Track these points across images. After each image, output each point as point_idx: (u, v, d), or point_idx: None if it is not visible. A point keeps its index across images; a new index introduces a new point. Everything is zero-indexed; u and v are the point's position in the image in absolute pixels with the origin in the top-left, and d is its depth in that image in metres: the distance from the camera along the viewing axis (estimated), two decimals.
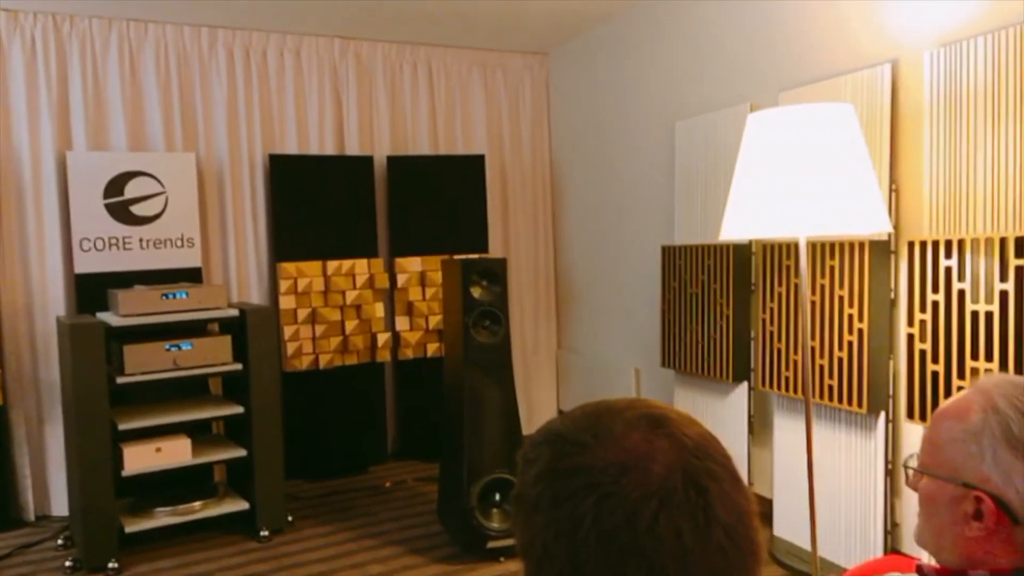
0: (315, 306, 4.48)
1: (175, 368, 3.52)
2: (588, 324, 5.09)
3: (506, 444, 3.46)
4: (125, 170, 4.01)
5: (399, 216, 4.74)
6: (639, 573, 0.72)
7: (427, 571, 3.27)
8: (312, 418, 4.50)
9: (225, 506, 3.68)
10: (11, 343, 3.85)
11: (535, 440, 0.85)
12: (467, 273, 3.46)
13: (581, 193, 5.08)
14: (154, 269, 4.05)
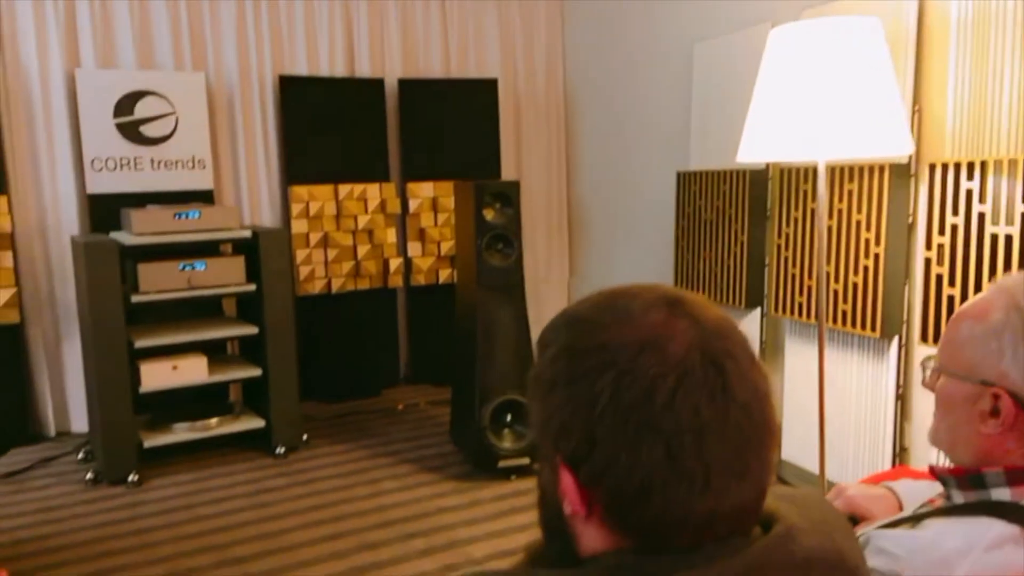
0: (327, 230, 4.47)
1: (189, 288, 3.54)
2: (600, 251, 5.07)
3: (518, 367, 3.48)
4: (134, 89, 3.96)
5: (411, 140, 4.69)
6: (655, 449, 0.72)
7: (440, 487, 3.34)
8: (325, 342, 4.54)
9: (241, 423, 3.75)
10: (26, 263, 3.88)
11: (551, 325, 0.85)
12: (480, 196, 3.44)
13: (595, 118, 5.00)
14: (166, 191, 4.04)
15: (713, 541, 0.76)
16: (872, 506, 1.34)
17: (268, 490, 3.34)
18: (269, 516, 3.09)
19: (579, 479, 0.77)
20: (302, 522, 3.04)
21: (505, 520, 3.04)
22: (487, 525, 3.00)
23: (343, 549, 2.82)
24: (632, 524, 0.77)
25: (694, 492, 0.73)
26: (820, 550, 0.81)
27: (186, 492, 3.33)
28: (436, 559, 2.75)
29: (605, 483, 0.75)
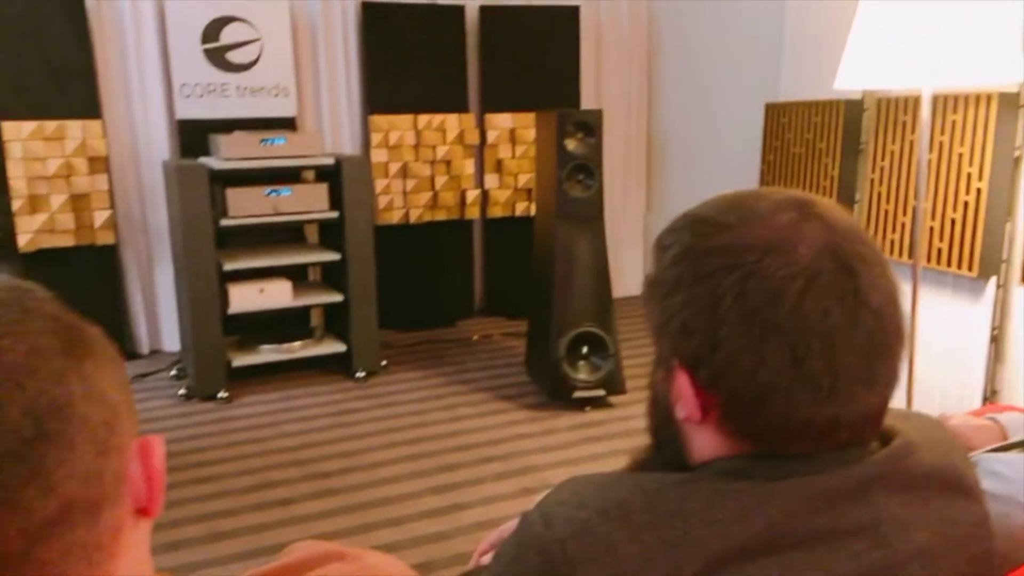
0: (406, 160, 4.49)
1: (275, 213, 3.61)
2: (679, 187, 4.97)
3: (595, 299, 3.47)
4: (221, 14, 4.00)
5: (490, 70, 4.64)
6: (780, 352, 0.71)
7: (515, 416, 3.39)
8: (402, 271, 4.59)
9: (323, 347, 3.85)
10: (120, 186, 4.01)
11: (671, 227, 0.83)
12: (562, 125, 3.39)
13: (680, 48, 4.85)
14: (250, 117, 4.09)
15: (832, 449, 0.75)
16: (975, 436, 1.30)
17: (349, 411, 3.44)
18: (351, 435, 3.19)
19: (697, 381, 0.76)
20: (382, 442, 3.13)
21: (580, 449, 3.07)
22: (562, 453, 3.04)
23: (422, 469, 2.90)
24: (750, 428, 0.76)
25: (818, 397, 0.72)
26: (938, 467, 0.79)
27: (272, 410, 3.46)
28: (513, 482, 2.80)
29: (725, 385, 0.74)
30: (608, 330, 3.45)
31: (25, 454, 0.49)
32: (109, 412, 0.54)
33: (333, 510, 2.61)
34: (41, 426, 0.49)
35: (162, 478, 0.59)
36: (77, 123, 3.73)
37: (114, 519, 0.54)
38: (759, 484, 0.72)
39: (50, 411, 0.50)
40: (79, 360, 0.53)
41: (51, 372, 0.51)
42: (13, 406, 0.48)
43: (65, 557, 0.51)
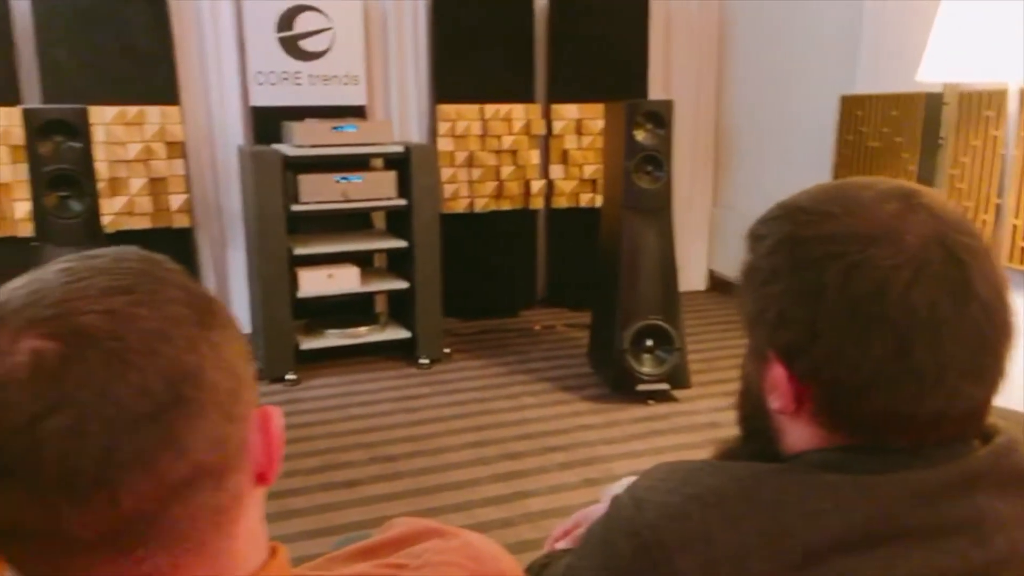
0: (472, 150, 4.51)
1: (345, 200, 3.67)
2: (748, 180, 4.89)
3: (661, 291, 3.45)
4: (295, 3, 4.07)
5: (558, 60, 4.62)
6: (885, 343, 0.69)
7: (578, 407, 3.39)
8: (465, 260, 4.61)
9: (388, 333, 3.90)
10: (196, 171, 4.11)
11: (766, 217, 0.82)
12: (631, 116, 3.37)
13: (752, 39, 4.77)
14: (321, 105, 4.16)
15: (934, 444, 0.73)
16: None
17: (414, 397, 3.49)
18: (416, 420, 3.24)
19: (793, 372, 0.75)
20: (446, 428, 3.16)
21: (644, 442, 3.06)
22: (626, 445, 3.03)
23: (486, 456, 2.93)
24: (848, 421, 0.75)
25: (923, 391, 0.70)
26: None
27: (338, 393, 3.52)
28: (576, 472, 2.81)
29: (824, 377, 0.73)
30: (674, 323, 3.42)
31: (161, 417, 0.51)
32: (235, 381, 0.56)
33: (399, 493, 2.65)
34: (175, 391, 0.51)
35: (280, 447, 0.61)
36: (156, 109, 3.84)
37: (236, 485, 0.56)
38: (858, 477, 0.71)
39: (183, 377, 0.52)
40: (208, 330, 0.55)
41: (184, 340, 0.53)
42: (150, 371, 0.51)
43: (194, 518, 0.54)
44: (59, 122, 2.62)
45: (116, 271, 0.54)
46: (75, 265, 0.55)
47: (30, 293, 0.52)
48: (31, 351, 0.49)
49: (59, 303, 0.51)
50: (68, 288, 0.52)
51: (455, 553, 0.69)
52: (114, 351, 0.50)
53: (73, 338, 0.50)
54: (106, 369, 0.50)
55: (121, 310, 0.52)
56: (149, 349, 0.51)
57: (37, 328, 0.50)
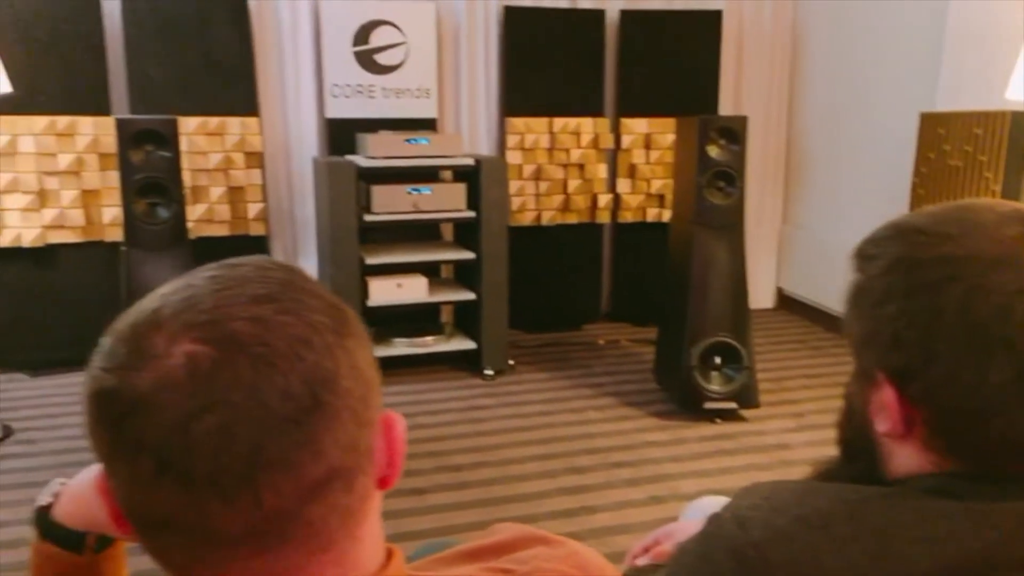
0: (540, 163, 4.53)
1: (415, 211, 3.72)
2: (820, 199, 4.81)
3: (731, 308, 3.40)
4: (371, 18, 4.16)
5: (628, 74, 4.62)
6: (1004, 369, 0.68)
7: (643, 423, 3.36)
8: (530, 273, 4.63)
9: (454, 343, 3.94)
10: (272, 181, 4.22)
11: (876, 237, 0.81)
12: (705, 131, 3.35)
13: (826, 54, 4.69)
14: (393, 117, 4.23)
15: None
16: None
17: (479, 407, 3.51)
18: (481, 431, 3.25)
19: (904, 395, 0.74)
20: (512, 440, 3.17)
21: (712, 460, 3.02)
22: (693, 463, 2.99)
23: (551, 469, 2.92)
24: (962, 446, 0.73)
25: None
26: None
27: (405, 401, 3.56)
28: (643, 489, 2.78)
29: (938, 401, 0.72)
30: (743, 341, 3.38)
31: (302, 420, 0.53)
32: (365, 387, 0.58)
33: (466, 502, 2.67)
34: (315, 396, 0.54)
35: (402, 452, 0.62)
36: (237, 120, 3.96)
37: (363, 487, 0.58)
38: (973, 505, 0.70)
39: (322, 382, 0.54)
40: (344, 337, 0.57)
41: (324, 347, 0.55)
42: (294, 375, 0.53)
43: (326, 518, 0.55)
44: (150, 132, 2.72)
45: (261, 280, 0.57)
46: (223, 274, 0.58)
47: (184, 300, 0.55)
48: (186, 355, 0.52)
49: (211, 310, 0.54)
50: (219, 296, 0.55)
51: (562, 561, 0.70)
52: (261, 356, 0.52)
53: (224, 343, 0.52)
54: (254, 373, 0.52)
55: (267, 318, 0.54)
56: (292, 355, 0.53)
57: (191, 333, 0.53)
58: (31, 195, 3.66)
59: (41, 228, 3.70)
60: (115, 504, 0.56)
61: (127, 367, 0.53)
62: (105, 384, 0.54)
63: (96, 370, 0.55)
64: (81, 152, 3.72)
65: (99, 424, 0.54)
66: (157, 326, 0.54)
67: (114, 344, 0.56)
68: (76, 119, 3.69)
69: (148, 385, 0.52)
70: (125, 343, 0.55)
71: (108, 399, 0.53)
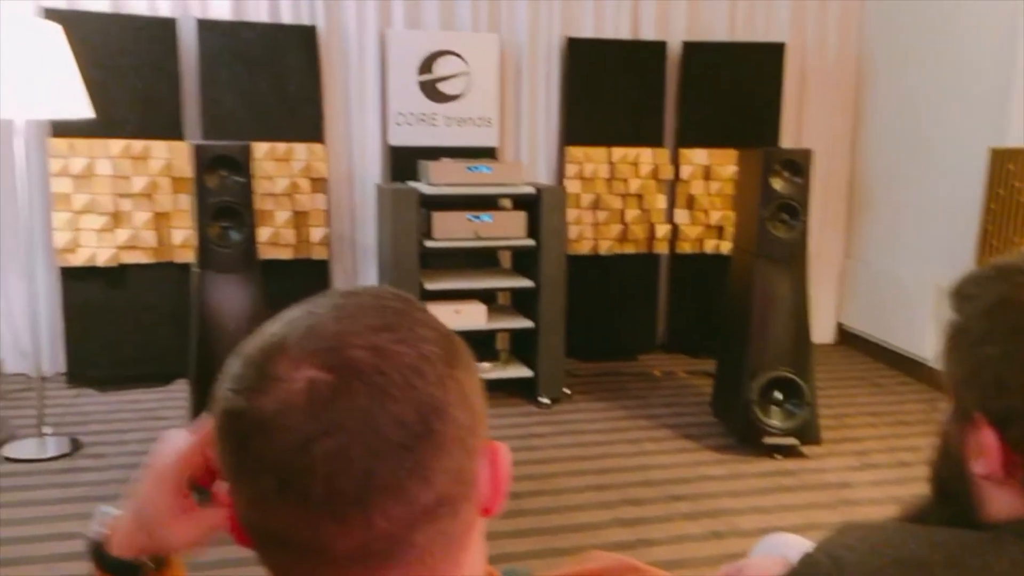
0: (598, 192, 4.55)
1: (475, 238, 3.76)
2: (883, 233, 4.73)
3: (793, 343, 3.36)
4: (436, 49, 4.24)
5: (688, 105, 4.62)
6: None
7: (701, 456, 3.32)
8: (587, 301, 4.62)
9: (510, 371, 3.95)
10: (335, 207, 4.31)
11: (975, 277, 0.80)
12: (768, 163, 3.33)
13: (892, 87, 4.63)
14: (455, 146, 4.29)
15: None
16: None
17: (535, 435, 3.50)
18: (538, 459, 3.24)
19: (1006, 438, 0.73)
20: (568, 469, 3.16)
21: (771, 497, 2.96)
22: (752, 499, 2.94)
23: (608, 500, 2.90)
24: None
25: None
26: None
27: None
28: (702, 524, 2.74)
29: None
30: (805, 377, 3.32)
31: (413, 447, 0.54)
32: (473, 417, 0.59)
33: (523, 531, 2.66)
34: (427, 424, 0.55)
35: (507, 482, 0.63)
36: (303, 146, 4.06)
37: (468, 514, 0.59)
38: None
39: (433, 411, 0.56)
40: (455, 368, 0.59)
41: (436, 377, 0.57)
42: (406, 404, 0.55)
43: (432, 544, 0.57)
44: (225, 157, 2.81)
45: (379, 310, 0.59)
46: (343, 302, 0.60)
47: (307, 327, 0.58)
48: (308, 380, 0.54)
49: (332, 337, 0.56)
50: (339, 324, 0.58)
51: None
52: (377, 384, 0.54)
53: (344, 370, 0.55)
54: (370, 400, 0.54)
55: (384, 347, 0.56)
56: (406, 383, 0.55)
57: (313, 359, 0.55)
58: (106, 216, 3.80)
59: (115, 248, 3.83)
60: (236, 518, 0.58)
61: (253, 389, 0.56)
62: (233, 405, 0.56)
63: (225, 391, 0.58)
64: (155, 175, 3.85)
65: (226, 443, 0.57)
66: (282, 351, 0.56)
67: (243, 367, 0.58)
68: (151, 143, 3.83)
69: (272, 407, 0.54)
70: (253, 366, 0.57)
71: (235, 419, 0.56)
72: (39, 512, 2.73)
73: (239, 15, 4.06)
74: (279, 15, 4.12)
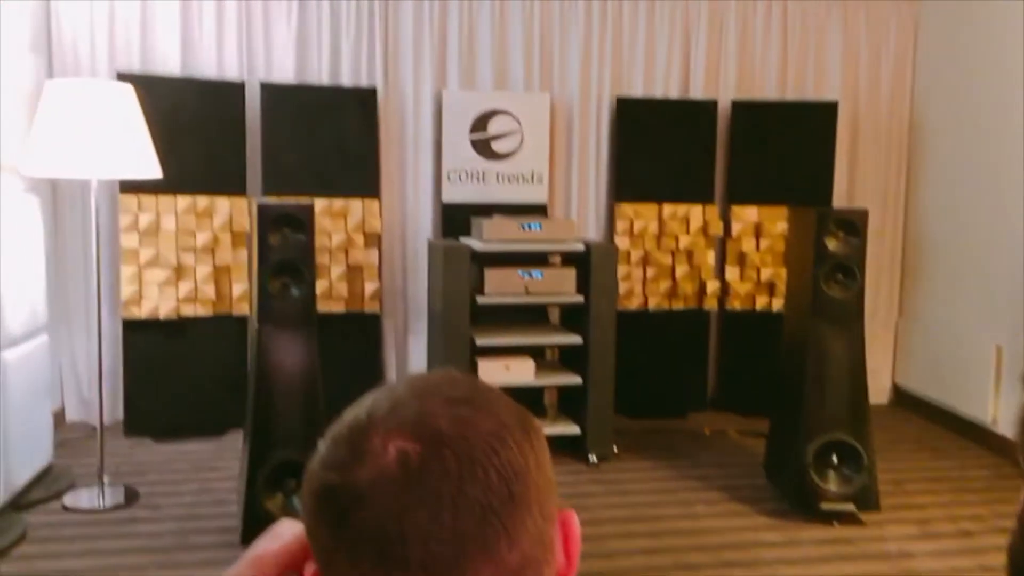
0: (648, 249, 4.56)
1: (526, 295, 3.79)
2: (940, 291, 4.64)
3: (849, 405, 3.30)
4: (489, 108, 4.34)
5: (738, 162, 4.64)
6: None
7: (755, 521, 3.25)
8: (635, 358, 4.59)
9: (558, 427, 3.93)
10: (388, 262, 4.38)
11: None
12: (822, 223, 3.31)
13: (945, 144, 4.60)
14: (506, 202, 4.35)
15: None
16: None
17: (584, 495, 3.47)
18: (588, 520, 3.20)
19: None
20: (619, 531, 3.12)
21: (830, 566, 2.89)
22: (809, 568, 2.87)
23: (661, 564, 2.86)
24: None
25: None
26: None
27: None
28: None
29: None
30: (862, 440, 3.25)
31: (500, 511, 0.57)
32: (547, 483, 0.62)
33: None
34: (510, 488, 0.58)
35: (579, 548, 0.66)
36: (358, 202, 4.16)
37: None
38: None
39: (515, 476, 0.59)
40: (529, 436, 0.63)
41: (514, 444, 0.60)
42: (491, 469, 0.58)
43: None
44: (288, 216, 2.89)
45: (453, 385, 0.64)
46: (420, 383, 0.65)
47: (392, 405, 0.62)
48: (398, 451, 0.58)
49: (416, 412, 0.60)
50: (421, 399, 0.62)
51: None
52: (463, 451, 0.58)
53: (431, 440, 0.58)
54: (458, 466, 0.57)
55: (465, 417, 0.60)
56: (490, 450, 0.59)
57: (402, 432, 0.59)
58: (169, 270, 3.92)
59: (176, 301, 3.94)
60: None
61: (347, 465, 0.59)
62: (328, 481, 0.59)
63: (318, 471, 0.61)
64: (217, 230, 3.97)
65: (322, 518, 0.59)
66: (371, 427, 0.60)
67: (334, 446, 0.62)
68: (214, 199, 3.96)
69: (366, 480, 0.58)
70: (343, 444, 0.61)
71: (331, 495, 0.59)
72: (97, 562, 2.78)
73: (302, 78, 4.21)
74: (339, 78, 4.26)
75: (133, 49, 4.03)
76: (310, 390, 2.95)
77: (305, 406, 2.94)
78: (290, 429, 2.92)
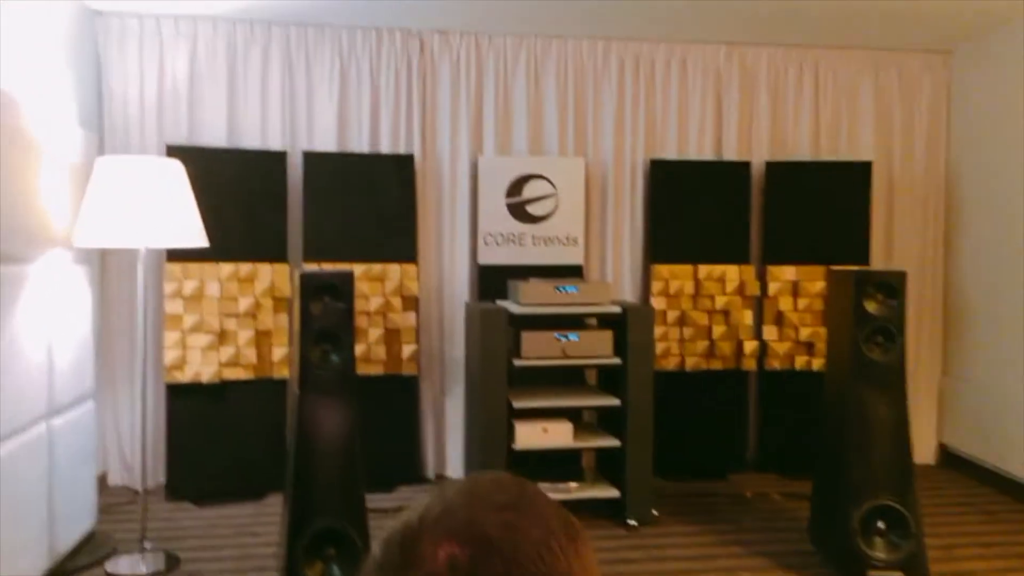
0: (684, 309, 4.55)
1: (563, 357, 3.80)
2: (981, 350, 4.56)
3: (894, 469, 3.23)
4: (524, 173, 4.42)
5: (774, 223, 4.65)
6: None
7: None
8: (674, 419, 4.56)
9: (596, 490, 3.89)
10: (425, 324, 4.43)
11: None
12: (861, 285, 3.29)
13: (982, 204, 4.57)
14: (542, 265, 4.40)
15: None
16: None
17: (625, 560, 3.42)
18: None
19: None
20: None
21: None
22: None
23: None
24: None
25: None
26: None
27: None
28: None
29: None
30: (909, 505, 3.18)
31: None
32: None
33: None
34: None
35: None
36: (396, 266, 4.23)
37: None
38: None
39: None
40: (573, 540, 0.65)
41: (560, 550, 0.63)
42: (538, 574, 0.61)
43: None
44: (329, 285, 2.95)
45: (502, 490, 0.67)
46: (469, 488, 0.68)
47: (442, 510, 0.65)
48: (449, 556, 0.61)
49: (465, 517, 0.64)
50: (470, 505, 0.65)
51: None
52: (511, 556, 0.61)
53: (480, 545, 0.61)
54: (506, 571, 0.60)
55: (513, 523, 0.63)
56: (537, 556, 0.62)
57: (451, 537, 0.62)
58: (212, 335, 4.00)
59: (218, 365, 4.01)
60: None
61: (400, 568, 0.62)
62: None
63: (373, 572, 0.64)
64: (259, 296, 4.05)
65: None
66: (421, 532, 0.64)
67: (385, 552, 0.65)
68: (257, 266, 4.05)
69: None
70: (396, 549, 0.64)
71: None
72: None
73: (343, 146, 4.33)
74: (379, 145, 4.38)
75: (181, 121, 4.19)
76: (349, 457, 2.98)
77: (344, 473, 2.96)
78: (329, 496, 2.94)
